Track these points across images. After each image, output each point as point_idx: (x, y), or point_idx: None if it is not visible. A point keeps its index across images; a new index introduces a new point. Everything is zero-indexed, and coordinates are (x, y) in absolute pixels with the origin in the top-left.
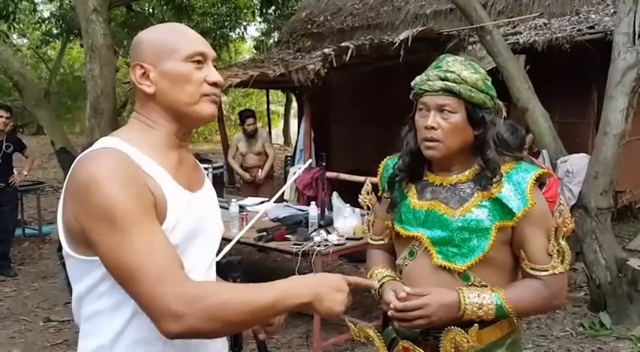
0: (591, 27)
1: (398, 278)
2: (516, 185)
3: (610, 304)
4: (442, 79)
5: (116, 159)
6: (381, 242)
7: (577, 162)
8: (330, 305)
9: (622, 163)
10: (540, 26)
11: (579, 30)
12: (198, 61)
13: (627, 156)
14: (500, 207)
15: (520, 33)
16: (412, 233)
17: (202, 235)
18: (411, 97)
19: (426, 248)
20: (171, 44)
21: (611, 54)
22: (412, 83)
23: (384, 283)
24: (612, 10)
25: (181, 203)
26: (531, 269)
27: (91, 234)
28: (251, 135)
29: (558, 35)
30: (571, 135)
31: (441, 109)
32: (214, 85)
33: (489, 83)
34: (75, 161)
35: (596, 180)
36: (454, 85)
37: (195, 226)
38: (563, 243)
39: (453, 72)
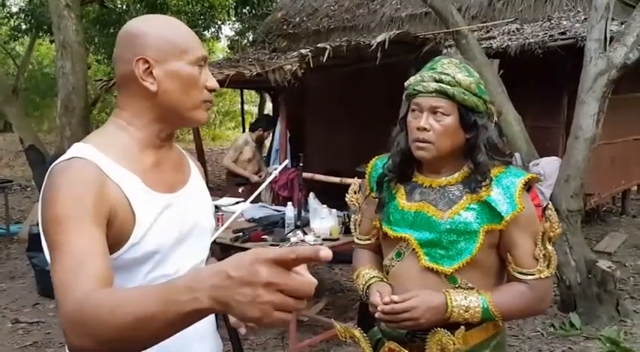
0: (563, 33)
1: (385, 279)
2: (505, 189)
3: (580, 305)
4: (437, 81)
5: (79, 171)
6: (368, 242)
7: (548, 165)
8: (240, 310)
9: (591, 167)
10: (513, 31)
11: (551, 36)
12: (200, 66)
13: (595, 160)
14: (489, 211)
15: (494, 38)
16: (400, 234)
17: (189, 233)
18: (403, 98)
19: (414, 249)
20: (180, 43)
21: (582, 59)
22: (406, 83)
23: (370, 284)
24: (583, 17)
25: (155, 208)
26: (518, 273)
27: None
28: (261, 143)
29: (531, 40)
30: (542, 138)
31: (434, 111)
32: (212, 91)
33: (482, 87)
34: (49, 170)
35: (567, 183)
36: (448, 87)
37: (180, 226)
38: (549, 247)
39: (447, 74)
